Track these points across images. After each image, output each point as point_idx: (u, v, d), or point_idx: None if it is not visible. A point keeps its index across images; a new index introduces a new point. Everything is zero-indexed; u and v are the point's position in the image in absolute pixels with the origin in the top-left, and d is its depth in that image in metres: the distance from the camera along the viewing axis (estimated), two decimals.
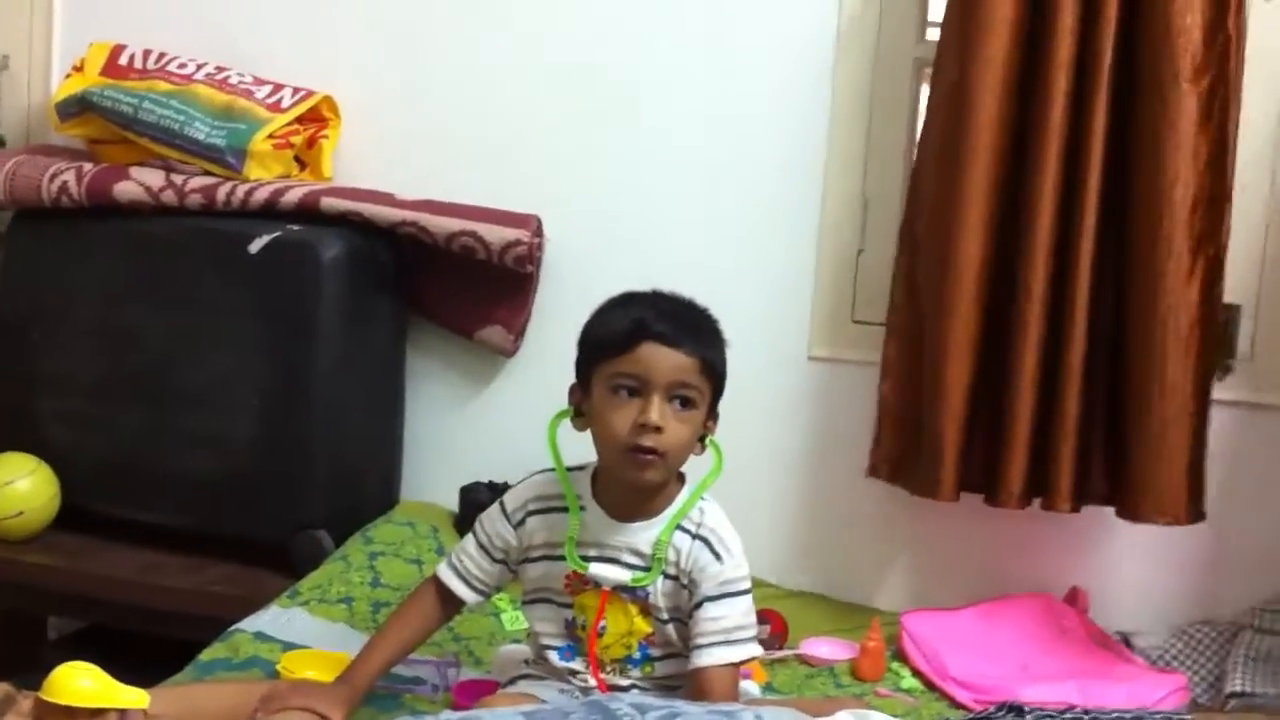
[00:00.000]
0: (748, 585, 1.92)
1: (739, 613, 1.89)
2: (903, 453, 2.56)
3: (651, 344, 1.81)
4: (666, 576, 1.90)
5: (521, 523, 1.96)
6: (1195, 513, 2.42)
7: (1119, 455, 2.45)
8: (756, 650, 1.93)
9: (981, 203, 2.41)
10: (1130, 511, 2.44)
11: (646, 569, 1.90)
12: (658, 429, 1.80)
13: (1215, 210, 2.37)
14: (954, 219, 2.42)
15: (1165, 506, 2.39)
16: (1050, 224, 2.39)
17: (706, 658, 1.87)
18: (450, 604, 2.03)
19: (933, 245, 2.47)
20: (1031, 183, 2.39)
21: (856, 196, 2.70)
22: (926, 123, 2.51)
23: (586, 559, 1.91)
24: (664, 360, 1.81)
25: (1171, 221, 2.33)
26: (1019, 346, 2.42)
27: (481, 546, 1.99)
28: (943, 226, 2.44)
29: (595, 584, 1.91)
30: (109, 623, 2.75)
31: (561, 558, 1.93)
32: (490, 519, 1.99)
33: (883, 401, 2.58)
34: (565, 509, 1.93)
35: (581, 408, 1.91)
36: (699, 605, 1.89)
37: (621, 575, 1.91)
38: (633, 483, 1.87)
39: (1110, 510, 2.48)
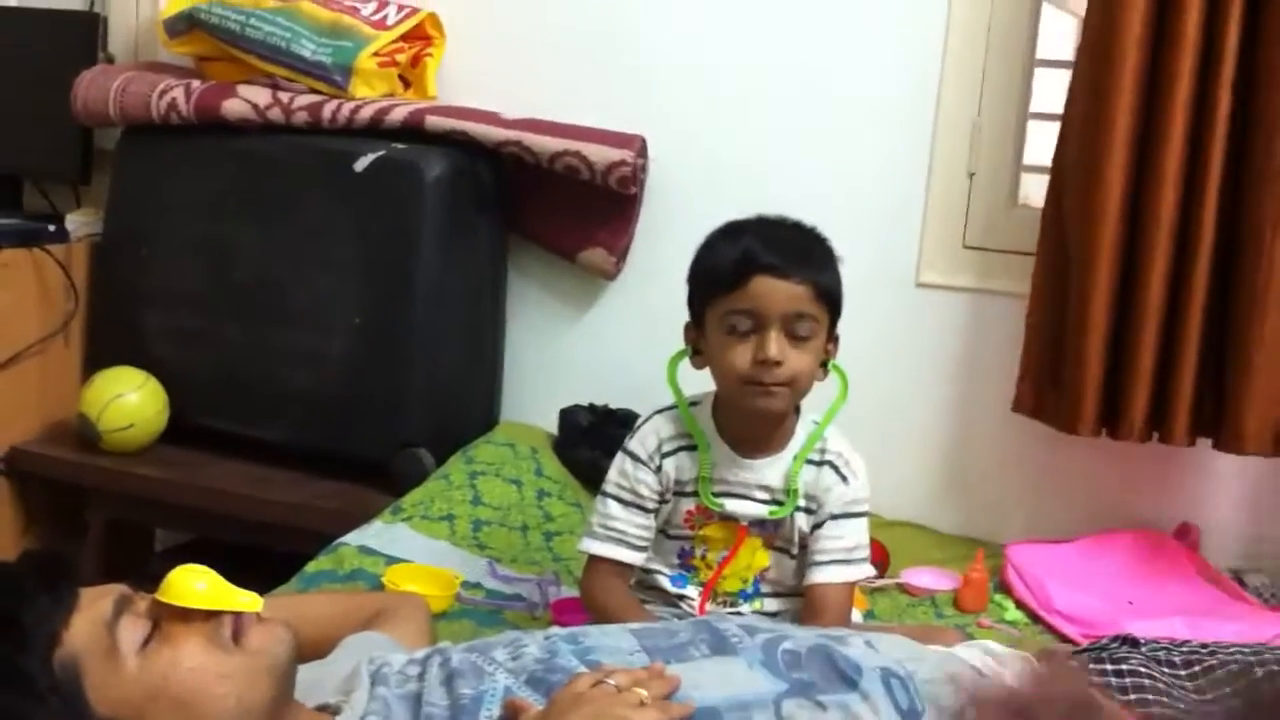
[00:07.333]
0: (868, 507, 1.93)
1: (858, 533, 1.90)
2: (1042, 387, 2.50)
3: (762, 276, 1.76)
4: (798, 508, 1.90)
5: (659, 467, 1.91)
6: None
7: (1219, 384, 2.38)
8: (870, 570, 1.95)
9: (1124, 128, 2.32)
10: (1226, 443, 2.38)
11: (777, 503, 1.90)
12: (777, 363, 1.77)
13: None
14: (1098, 145, 2.33)
15: (1256, 436, 2.34)
16: (1180, 148, 2.31)
17: (824, 574, 1.88)
18: (624, 578, 1.94)
19: (1079, 175, 2.38)
20: (1163, 103, 2.31)
21: (970, 118, 2.62)
22: (1078, 49, 2.42)
23: (717, 495, 1.90)
24: (777, 292, 1.76)
25: None
26: (1146, 277, 2.35)
27: (628, 504, 1.91)
28: (1088, 155, 2.35)
29: (721, 517, 1.90)
30: (215, 535, 2.80)
31: (689, 494, 1.91)
32: (626, 474, 1.91)
33: (1030, 333, 2.50)
34: (693, 447, 1.90)
35: (698, 345, 1.87)
36: (821, 524, 1.89)
37: (758, 510, 1.90)
38: (759, 412, 1.83)
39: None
